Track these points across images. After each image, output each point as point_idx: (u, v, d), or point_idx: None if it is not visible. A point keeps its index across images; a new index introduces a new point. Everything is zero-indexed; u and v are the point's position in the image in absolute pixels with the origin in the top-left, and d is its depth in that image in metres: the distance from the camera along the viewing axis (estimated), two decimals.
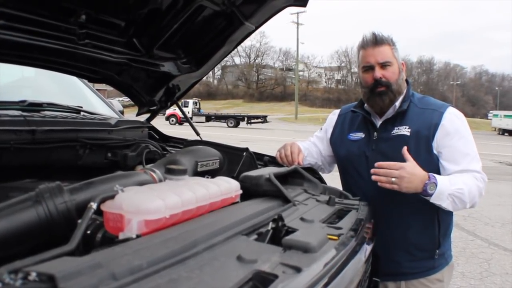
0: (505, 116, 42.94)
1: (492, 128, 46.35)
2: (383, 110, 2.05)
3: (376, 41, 1.99)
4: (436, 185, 1.76)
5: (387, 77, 1.99)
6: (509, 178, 11.84)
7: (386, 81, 1.98)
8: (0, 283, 0.69)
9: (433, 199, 1.78)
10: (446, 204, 1.80)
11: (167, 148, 2.48)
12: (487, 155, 17.18)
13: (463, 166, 1.89)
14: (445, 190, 1.77)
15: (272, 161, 2.20)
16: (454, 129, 1.93)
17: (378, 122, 2.07)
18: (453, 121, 1.95)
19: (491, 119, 50.67)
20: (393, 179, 1.74)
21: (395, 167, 1.74)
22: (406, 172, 1.73)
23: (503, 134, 41.93)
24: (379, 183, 1.78)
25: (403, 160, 1.84)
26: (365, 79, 2.04)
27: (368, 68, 2.02)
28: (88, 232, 1.06)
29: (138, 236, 0.99)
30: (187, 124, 2.87)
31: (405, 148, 1.82)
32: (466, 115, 2.10)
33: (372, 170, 1.79)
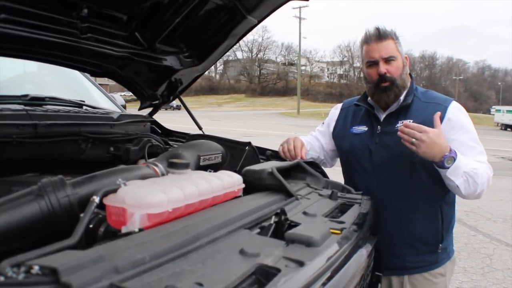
0: (508, 111, 42.79)
1: (494, 123, 46.18)
2: (388, 105, 2.04)
3: (380, 35, 1.98)
4: (455, 160, 1.75)
5: (392, 72, 1.98)
6: (511, 173, 11.81)
7: (390, 76, 1.97)
8: (3, 276, 0.69)
9: (448, 173, 1.76)
10: (459, 182, 1.77)
11: (170, 142, 2.48)
12: (490, 150, 17.08)
13: (470, 158, 1.88)
14: (462, 167, 1.75)
15: (274, 155, 2.19)
16: (459, 123, 1.93)
17: (382, 116, 2.07)
18: (457, 115, 1.95)
19: (493, 114, 50.54)
20: (414, 140, 1.73)
21: (419, 129, 1.73)
22: (427, 137, 1.71)
23: (505, 129, 41.77)
24: (402, 140, 1.78)
25: (407, 153, 1.84)
26: (370, 75, 2.03)
27: (372, 64, 2.00)
28: (91, 226, 1.06)
29: (140, 230, 0.99)
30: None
31: (437, 114, 1.82)
32: (469, 110, 2.10)
33: (400, 127, 1.79)
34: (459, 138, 1.90)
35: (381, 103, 2.05)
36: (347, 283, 1.11)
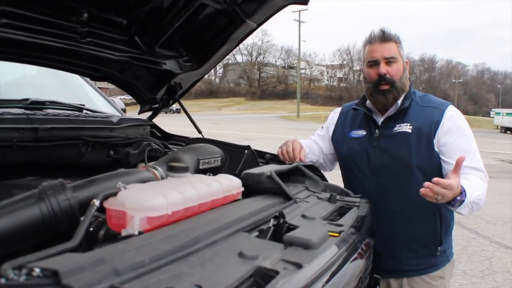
0: (507, 114, 42.81)
1: (494, 126, 46.19)
2: (385, 107, 2.05)
3: (384, 37, 2.00)
4: (463, 202, 1.72)
5: (392, 73, 1.99)
6: (511, 176, 11.80)
7: (390, 78, 1.99)
8: (4, 279, 0.70)
9: (457, 210, 1.77)
10: (465, 211, 1.78)
11: (169, 146, 2.49)
12: (489, 153, 17.14)
13: (467, 163, 1.88)
14: (468, 200, 1.74)
15: (273, 158, 2.20)
16: (455, 126, 1.94)
17: (380, 120, 2.07)
18: (454, 118, 1.96)
19: (493, 117, 50.54)
20: (439, 197, 1.63)
21: (447, 187, 1.61)
22: (451, 193, 1.64)
23: (505, 132, 41.80)
24: (423, 193, 1.64)
25: (403, 156, 1.85)
26: (370, 74, 2.04)
27: (373, 63, 2.02)
28: (91, 229, 1.06)
29: (140, 233, 1.00)
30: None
31: (461, 157, 1.68)
32: (468, 113, 2.12)
33: (427, 184, 1.61)
34: (455, 142, 1.91)
35: (379, 105, 2.06)
36: (344, 285, 1.12)
